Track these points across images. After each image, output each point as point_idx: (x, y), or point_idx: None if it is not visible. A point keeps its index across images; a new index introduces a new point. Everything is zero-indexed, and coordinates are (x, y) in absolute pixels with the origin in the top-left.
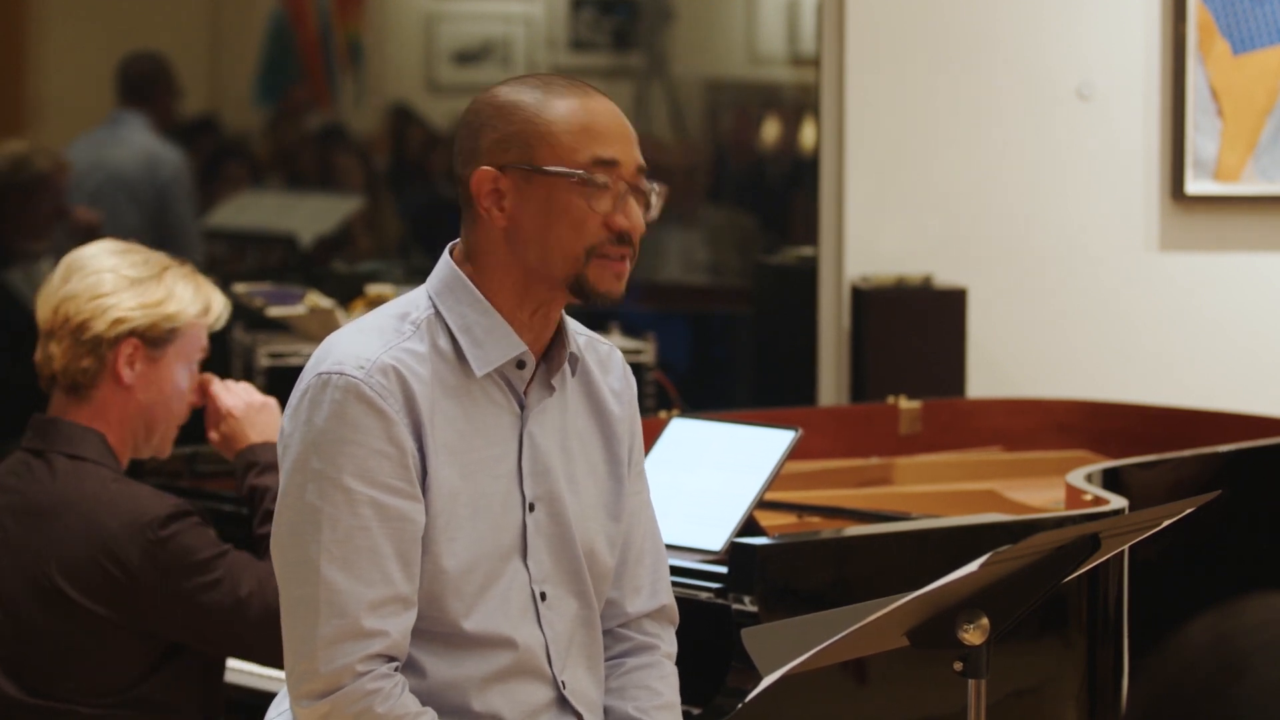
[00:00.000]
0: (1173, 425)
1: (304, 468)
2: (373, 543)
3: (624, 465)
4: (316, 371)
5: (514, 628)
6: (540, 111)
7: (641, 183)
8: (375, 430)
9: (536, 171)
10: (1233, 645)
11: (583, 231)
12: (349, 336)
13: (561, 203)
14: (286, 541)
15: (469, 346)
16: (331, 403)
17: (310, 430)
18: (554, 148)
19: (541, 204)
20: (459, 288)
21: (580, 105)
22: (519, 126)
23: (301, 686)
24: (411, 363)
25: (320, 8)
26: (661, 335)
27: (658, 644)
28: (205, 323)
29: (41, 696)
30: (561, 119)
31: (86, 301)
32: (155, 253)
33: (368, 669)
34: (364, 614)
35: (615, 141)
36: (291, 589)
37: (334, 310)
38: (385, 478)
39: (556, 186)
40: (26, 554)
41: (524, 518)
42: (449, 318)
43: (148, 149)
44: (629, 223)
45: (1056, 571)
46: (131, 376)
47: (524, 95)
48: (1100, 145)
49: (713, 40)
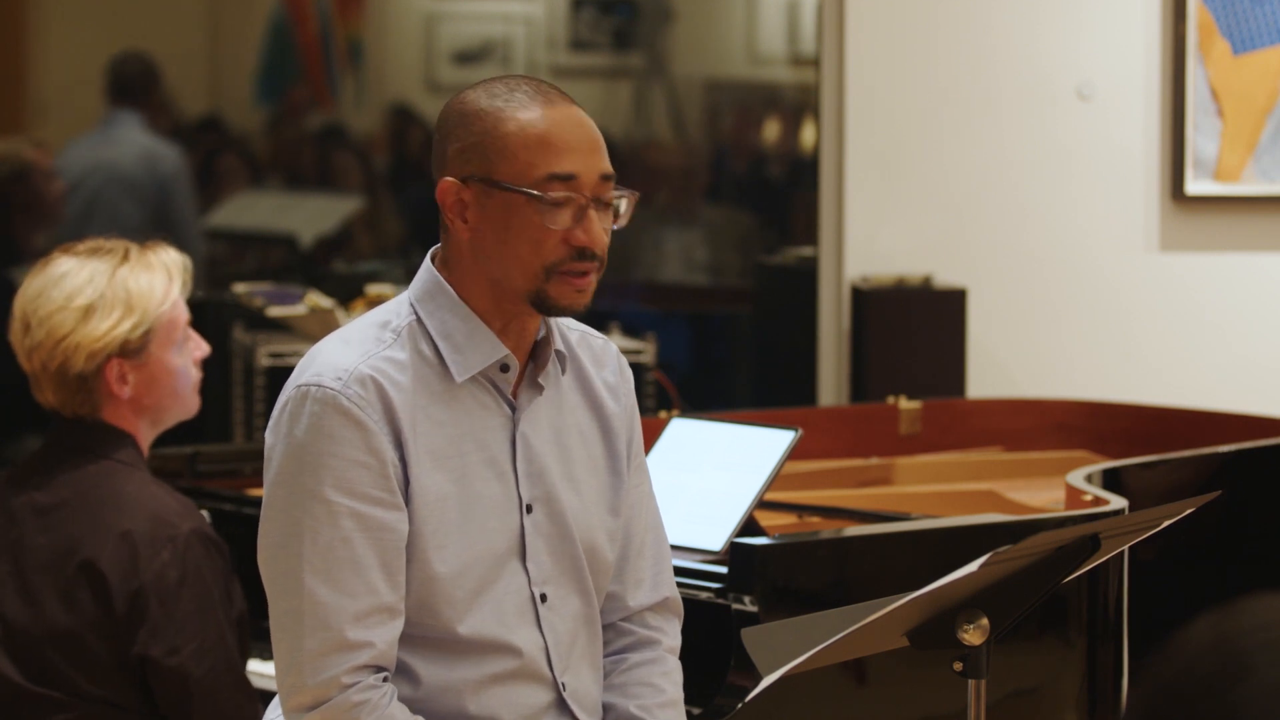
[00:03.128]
0: (1173, 425)
1: (285, 481)
2: (355, 554)
3: (623, 460)
4: (296, 384)
5: (510, 631)
6: (498, 124)
7: (606, 193)
8: (354, 441)
9: (495, 186)
10: (1233, 645)
11: (541, 249)
12: (330, 347)
13: (519, 219)
14: (271, 554)
15: (449, 352)
16: (310, 415)
17: (291, 443)
18: (510, 162)
19: (500, 220)
20: (439, 294)
21: (539, 117)
22: (478, 138)
23: (291, 699)
24: (391, 371)
25: (320, 8)
26: (661, 335)
27: (660, 638)
28: (173, 299)
29: (44, 685)
30: (518, 133)
31: (54, 348)
32: (101, 251)
33: (354, 680)
34: (348, 626)
35: (573, 154)
36: (278, 602)
37: (334, 310)
38: (366, 488)
39: (514, 203)
40: (46, 551)
41: (522, 520)
42: (430, 324)
43: (145, 146)
44: (588, 239)
45: (1056, 571)
46: (128, 390)
47: (486, 103)
48: (1100, 145)
49: (713, 40)
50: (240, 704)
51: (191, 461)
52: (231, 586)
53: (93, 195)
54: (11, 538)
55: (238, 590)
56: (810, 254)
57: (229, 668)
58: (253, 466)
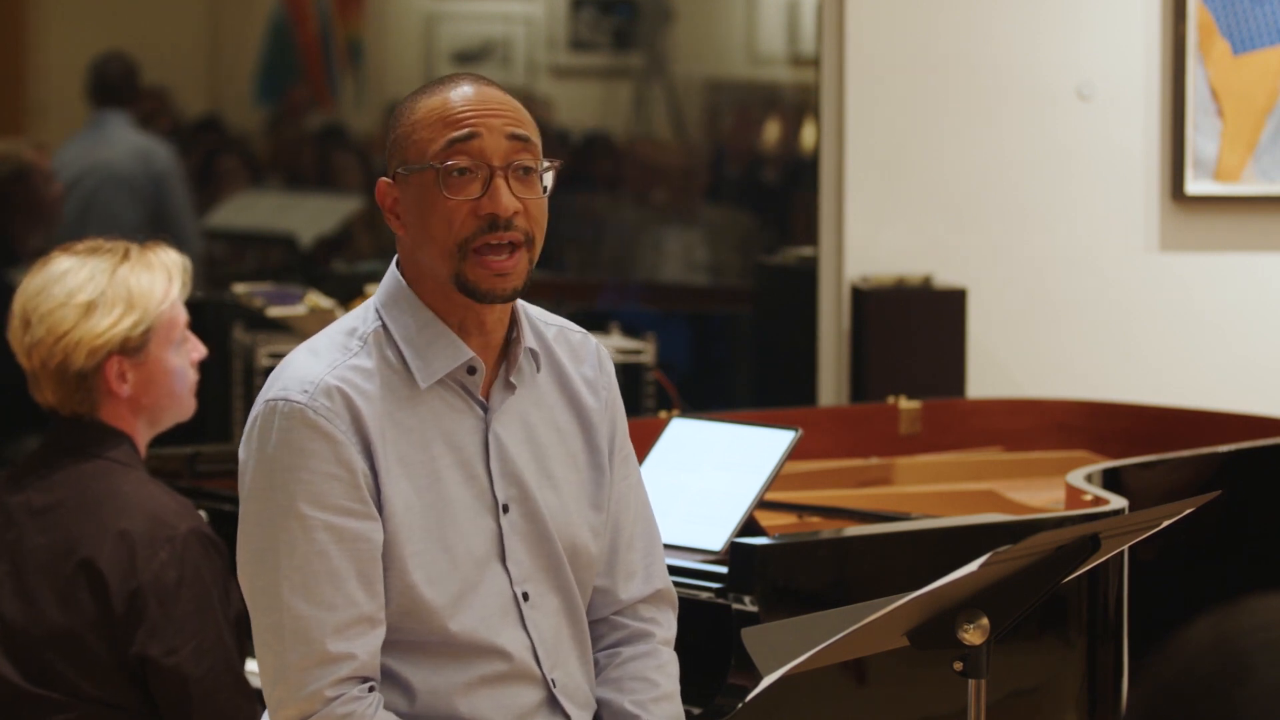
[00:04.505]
0: (1173, 425)
1: (259, 496)
2: (331, 566)
3: (604, 454)
4: (265, 399)
5: (495, 632)
6: (409, 113)
7: (518, 159)
8: (323, 454)
9: (408, 171)
10: (1234, 645)
11: (452, 224)
12: (298, 359)
13: (429, 199)
14: (250, 570)
15: (413, 358)
16: (279, 430)
17: (262, 458)
18: (416, 144)
19: (414, 205)
20: (401, 297)
21: (441, 98)
22: (396, 132)
23: (278, 712)
24: (358, 380)
25: (320, 8)
26: (661, 335)
27: (654, 630)
28: (172, 299)
29: (43, 686)
30: (422, 115)
31: (54, 345)
32: (101, 250)
33: (338, 693)
34: (329, 638)
35: (473, 122)
36: (259, 617)
37: (334, 310)
38: (338, 500)
39: (423, 184)
40: (45, 551)
41: (498, 521)
42: (394, 329)
43: (137, 143)
44: (493, 205)
45: (1056, 571)
46: (127, 388)
47: (406, 99)
48: (1100, 145)
49: (713, 40)
50: (239, 704)
51: (191, 462)
52: (230, 586)
53: (89, 195)
54: (10, 538)
55: (236, 590)
56: (810, 254)
57: (228, 668)
58: None
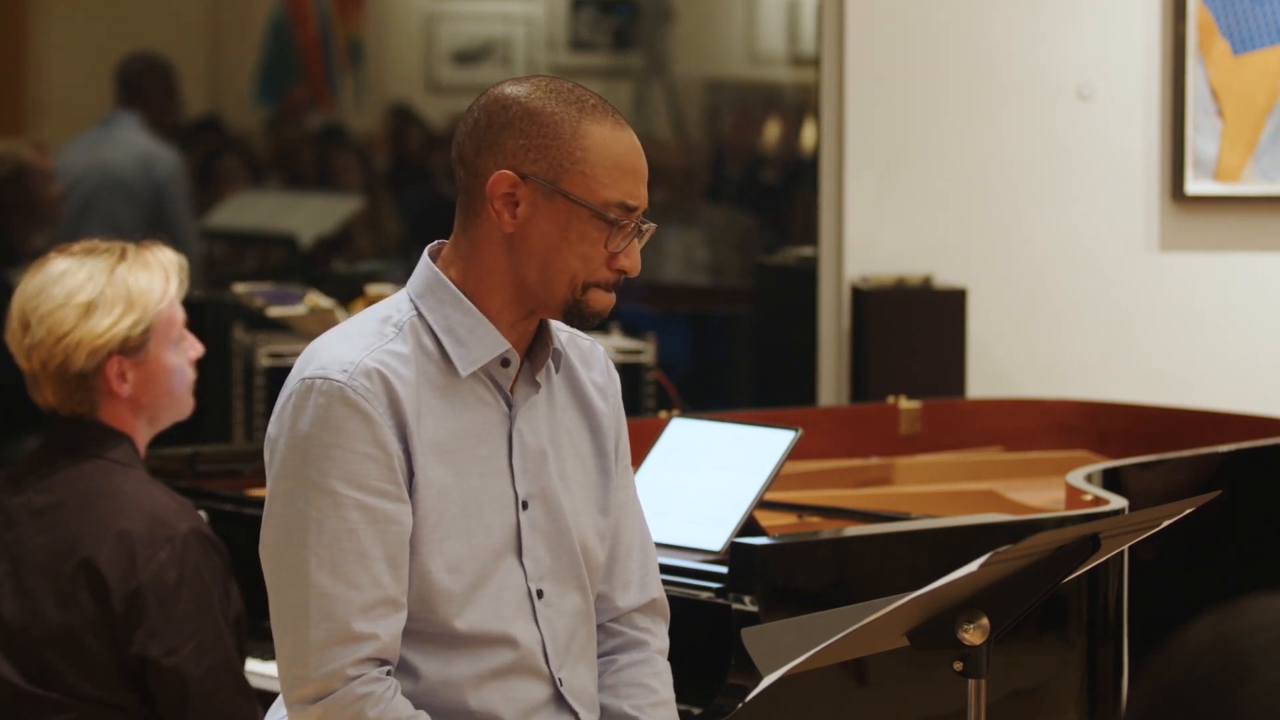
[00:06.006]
0: (1173, 425)
1: (290, 473)
2: (360, 546)
3: (610, 459)
4: (300, 376)
5: (507, 625)
6: (575, 134)
7: (644, 223)
8: (360, 434)
9: (560, 194)
10: (1234, 646)
11: (589, 265)
12: (332, 341)
13: (577, 232)
14: (276, 547)
15: (453, 346)
16: (316, 407)
17: (295, 435)
18: (585, 177)
19: (556, 226)
20: (440, 289)
21: (614, 138)
22: (550, 141)
23: (294, 691)
24: (395, 364)
25: (320, 8)
26: (661, 335)
27: (649, 639)
28: (170, 298)
29: (43, 686)
30: (595, 149)
31: (54, 345)
32: (98, 250)
33: (359, 673)
34: (354, 617)
35: (641, 187)
36: (281, 594)
37: (334, 310)
38: (372, 480)
39: (576, 215)
40: (44, 551)
41: (518, 515)
42: (431, 319)
43: (142, 148)
44: (630, 265)
45: (1056, 571)
46: (127, 388)
47: (558, 108)
48: (1100, 145)
49: (713, 40)
50: (239, 704)
51: (191, 462)
52: (229, 586)
53: (88, 196)
54: (9, 539)
55: (236, 590)
56: (810, 254)
57: (227, 668)
58: (252, 467)
